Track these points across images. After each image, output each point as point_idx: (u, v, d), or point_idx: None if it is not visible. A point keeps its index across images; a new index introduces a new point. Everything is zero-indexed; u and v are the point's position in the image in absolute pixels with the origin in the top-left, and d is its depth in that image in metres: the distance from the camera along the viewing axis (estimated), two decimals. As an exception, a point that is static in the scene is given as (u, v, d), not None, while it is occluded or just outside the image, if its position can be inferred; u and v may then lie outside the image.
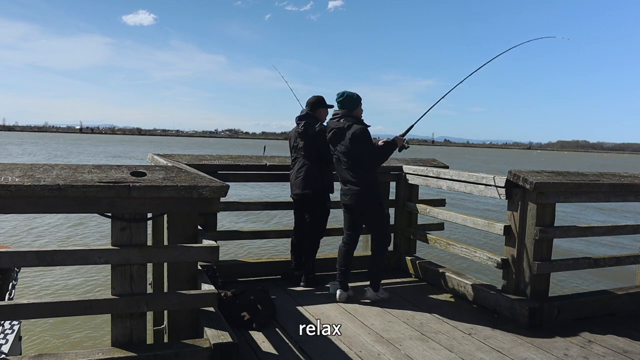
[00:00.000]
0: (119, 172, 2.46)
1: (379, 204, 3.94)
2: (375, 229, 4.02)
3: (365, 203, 3.88)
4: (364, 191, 3.85)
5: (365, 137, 3.83)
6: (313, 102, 4.34)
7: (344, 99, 3.96)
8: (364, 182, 3.85)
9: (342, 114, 3.94)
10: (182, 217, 2.64)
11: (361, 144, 3.81)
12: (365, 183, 3.85)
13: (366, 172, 3.87)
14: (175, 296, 2.50)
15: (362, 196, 3.86)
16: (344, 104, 3.97)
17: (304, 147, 4.22)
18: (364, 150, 3.83)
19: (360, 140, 3.80)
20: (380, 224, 4.01)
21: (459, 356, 3.02)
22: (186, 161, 4.12)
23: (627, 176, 4.13)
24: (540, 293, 3.69)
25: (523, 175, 3.57)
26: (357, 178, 3.85)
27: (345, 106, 3.96)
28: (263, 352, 2.98)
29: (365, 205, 3.89)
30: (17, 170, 2.31)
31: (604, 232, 4.23)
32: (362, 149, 3.82)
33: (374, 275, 4.03)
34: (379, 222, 4.00)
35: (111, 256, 2.35)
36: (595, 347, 3.23)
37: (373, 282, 4.01)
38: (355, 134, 3.80)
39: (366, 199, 3.87)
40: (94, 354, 2.28)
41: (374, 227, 4.03)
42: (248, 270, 4.46)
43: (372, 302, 3.92)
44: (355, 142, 3.81)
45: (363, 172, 3.86)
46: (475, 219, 4.13)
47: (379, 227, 4.01)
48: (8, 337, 3.45)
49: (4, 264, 2.52)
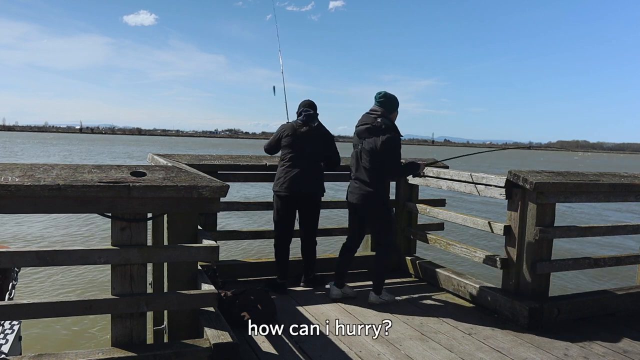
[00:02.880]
0: (119, 172, 2.46)
1: (386, 207, 3.91)
2: (382, 232, 3.97)
3: (373, 205, 3.83)
4: (374, 193, 3.79)
5: (397, 147, 3.76)
6: (312, 104, 4.35)
7: (385, 99, 3.87)
8: (376, 185, 3.79)
9: (381, 113, 3.82)
10: (182, 217, 2.64)
11: (391, 153, 3.74)
12: (377, 186, 3.79)
13: (380, 176, 3.80)
14: (175, 296, 2.50)
15: (371, 198, 3.80)
16: (384, 104, 3.87)
17: (318, 147, 4.21)
18: (390, 160, 3.76)
19: (392, 150, 3.73)
20: (387, 228, 3.96)
21: (459, 356, 3.02)
22: (186, 161, 4.12)
23: (627, 176, 4.13)
24: (540, 293, 3.69)
25: (523, 175, 3.58)
26: (371, 180, 3.78)
27: (384, 106, 3.86)
28: (263, 352, 2.98)
29: (373, 207, 3.85)
30: (17, 170, 2.31)
31: (604, 232, 4.23)
32: (390, 158, 3.75)
33: (377, 279, 3.97)
34: (386, 225, 3.95)
35: (111, 256, 2.35)
36: (595, 347, 3.23)
37: (376, 285, 3.96)
38: (390, 139, 3.71)
39: (375, 201, 3.81)
40: (94, 354, 2.28)
41: (381, 230, 3.97)
42: (248, 270, 4.46)
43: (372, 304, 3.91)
44: (386, 148, 3.71)
45: (378, 176, 3.79)
46: (475, 219, 4.14)
47: (386, 231, 3.96)
48: (8, 337, 3.45)
49: (4, 264, 2.52)
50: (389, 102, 3.87)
